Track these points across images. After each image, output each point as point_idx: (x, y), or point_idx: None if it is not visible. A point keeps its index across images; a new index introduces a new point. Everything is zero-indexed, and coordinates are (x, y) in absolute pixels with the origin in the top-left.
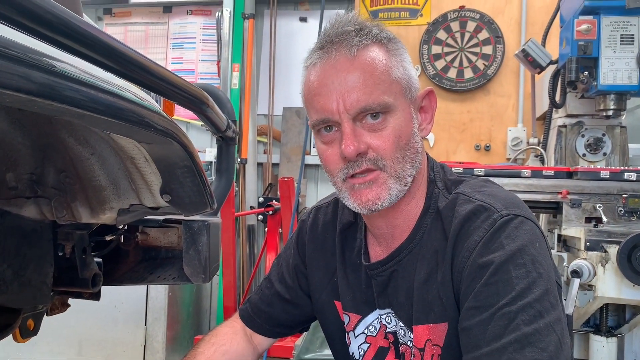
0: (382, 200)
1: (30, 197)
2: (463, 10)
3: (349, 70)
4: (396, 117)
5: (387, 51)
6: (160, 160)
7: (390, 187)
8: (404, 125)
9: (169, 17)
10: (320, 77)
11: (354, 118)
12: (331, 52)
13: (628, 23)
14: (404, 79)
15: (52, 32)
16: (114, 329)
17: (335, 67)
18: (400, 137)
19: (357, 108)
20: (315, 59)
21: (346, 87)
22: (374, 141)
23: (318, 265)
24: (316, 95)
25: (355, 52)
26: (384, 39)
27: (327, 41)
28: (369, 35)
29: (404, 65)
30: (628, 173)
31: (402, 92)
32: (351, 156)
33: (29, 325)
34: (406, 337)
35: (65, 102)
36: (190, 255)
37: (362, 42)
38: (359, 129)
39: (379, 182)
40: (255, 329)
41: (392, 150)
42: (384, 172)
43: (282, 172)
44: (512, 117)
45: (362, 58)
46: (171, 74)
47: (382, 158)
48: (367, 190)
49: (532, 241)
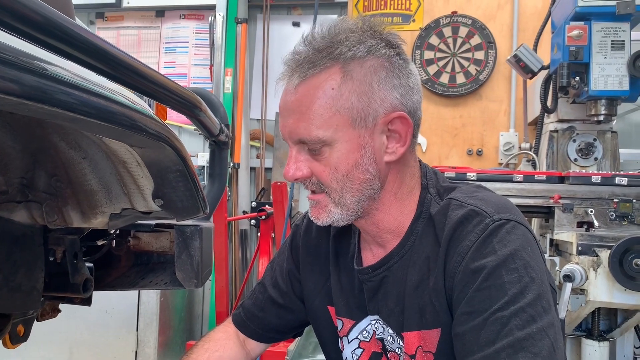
0: (322, 221)
1: (20, 202)
2: (455, 16)
3: (291, 101)
4: (335, 149)
5: (343, 76)
6: (152, 164)
7: (330, 211)
8: (343, 157)
9: (162, 22)
10: (279, 99)
11: (298, 144)
12: (283, 76)
13: (619, 29)
14: (356, 107)
15: (44, 35)
16: (106, 335)
17: (284, 94)
18: (337, 169)
19: (294, 139)
20: (278, 79)
21: (287, 118)
22: (314, 167)
23: (312, 270)
24: (279, 115)
25: (297, 83)
26: (346, 59)
27: (284, 62)
28: (330, 57)
29: (362, 90)
30: (619, 178)
31: (348, 123)
32: (289, 180)
33: (19, 331)
34: (395, 343)
35: (57, 105)
36: (182, 260)
37: (309, 70)
38: (304, 154)
39: (321, 204)
40: (249, 334)
41: (327, 181)
42: (327, 196)
43: (274, 176)
44: (504, 122)
45: (302, 91)
46: (164, 77)
47: (322, 184)
48: (313, 208)
49: (524, 246)
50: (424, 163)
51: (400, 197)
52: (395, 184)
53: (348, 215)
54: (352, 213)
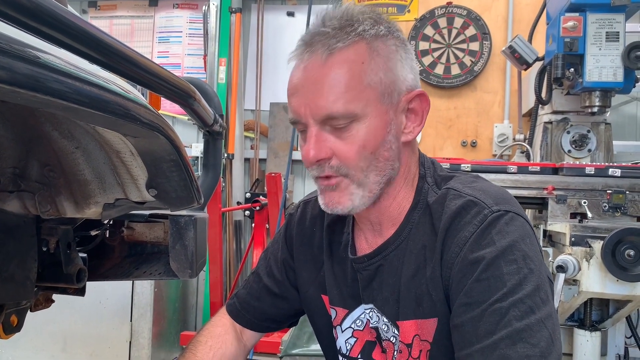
0: (343, 206)
1: (13, 192)
2: (450, 7)
3: (317, 77)
4: (364, 124)
5: (370, 52)
6: (146, 154)
7: (352, 193)
8: (372, 134)
9: (155, 11)
10: (293, 78)
11: (321, 123)
12: (304, 53)
13: (613, 20)
14: (384, 82)
15: (36, 22)
16: (99, 325)
17: (305, 70)
18: (366, 146)
19: (321, 115)
20: (292, 56)
21: (313, 93)
22: (338, 147)
23: (305, 259)
24: (290, 96)
25: (325, 57)
26: (371, 36)
27: (304, 41)
28: (353, 34)
29: (388, 67)
30: (612, 169)
31: (377, 98)
32: (310, 162)
33: (12, 321)
34: (389, 332)
35: (50, 93)
36: (176, 251)
37: (337, 44)
38: (325, 134)
39: (341, 187)
40: (244, 324)
41: (355, 159)
42: (347, 179)
43: (269, 167)
44: (498, 114)
45: (332, 63)
46: (158, 66)
47: (345, 166)
48: (331, 193)
49: (522, 237)
50: (422, 153)
51: (406, 183)
52: (405, 168)
53: (369, 199)
54: (372, 196)
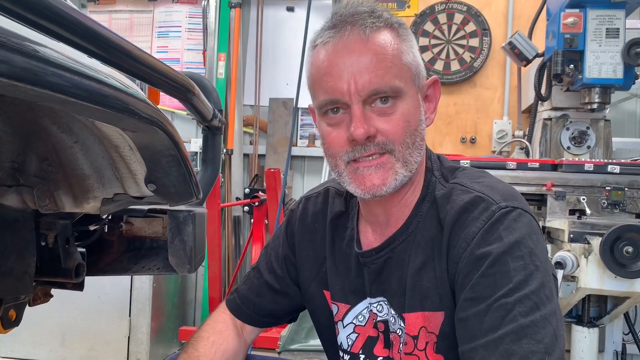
0: (388, 185)
1: (12, 186)
2: (450, 3)
3: (362, 51)
4: (406, 102)
5: (398, 36)
6: (145, 148)
7: (397, 172)
8: (412, 111)
9: (154, 5)
10: (331, 57)
11: (364, 101)
12: (344, 31)
13: (614, 17)
14: (414, 65)
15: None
16: (98, 320)
17: (348, 47)
18: (410, 122)
19: (368, 90)
20: (327, 37)
21: (358, 68)
22: (383, 125)
23: (307, 255)
24: (326, 75)
25: (369, 33)
26: (394, 23)
27: (341, 20)
28: (381, 19)
29: (413, 52)
30: (611, 166)
31: (412, 78)
32: (360, 139)
33: (11, 316)
34: (396, 325)
35: (48, 87)
36: (175, 246)
37: (375, 24)
38: (369, 113)
39: (387, 166)
40: (245, 320)
41: (401, 135)
42: (392, 156)
43: (268, 163)
44: (497, 110)
45: (375, 40)
46: (157, 61)
47: (391, 142)
48: (373, 174)
49: (529, 234)
50: (428, 147)
51: (419, 172)
52: (422, 155)
53: (407, 178)
54: (411, 174)
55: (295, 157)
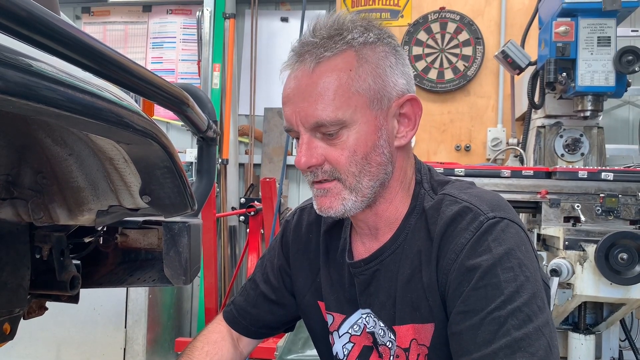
0: (335, 210)
1: (6, 199)
2: (443, 12)
3: (306, 84)
4: (353, 130)
5: (358, 59)
6: (139, 160)
7: (344, 198)
8: (362, 139)
9: (149, 17)
10: (285, 87)
11: (312, 130)
12: (295, 64)
13: (605, 25)
14: (373, 89)
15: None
16: (94, 332)
17: (296, 79)
18: (356, 151)
19: (310, 123)
20: (288, 63)
21: (302, 101)
22: (329, 153)
23: (302, 266)
24: (283, 104)
25: (313, 66)
26: (359, 44)
27: (294, 51)
28: (341, 42)
29: (376, 73)
30: (605, 173)
31: (366, 104)
32: (302, 168)
33: (5, 329)
34: (385, 337)
35: (42, 101)
36: (170, 257)
37: (325, 53)
38: (316, 141)
39: (333, 192)
40: (241, 331)
41: (346, 165)
42: (340, 183)
43: (263, 172)
44: (491, 118)
45: (319, 72)
46: (151, 73)
47: (337, 170)
48: (323, 198)
49: (518, 244)
50: (418, 159)
51: (403, 187)
52: (401, 172)
53: (361, 203)
54: (365, 200)
55: (291, 166)
